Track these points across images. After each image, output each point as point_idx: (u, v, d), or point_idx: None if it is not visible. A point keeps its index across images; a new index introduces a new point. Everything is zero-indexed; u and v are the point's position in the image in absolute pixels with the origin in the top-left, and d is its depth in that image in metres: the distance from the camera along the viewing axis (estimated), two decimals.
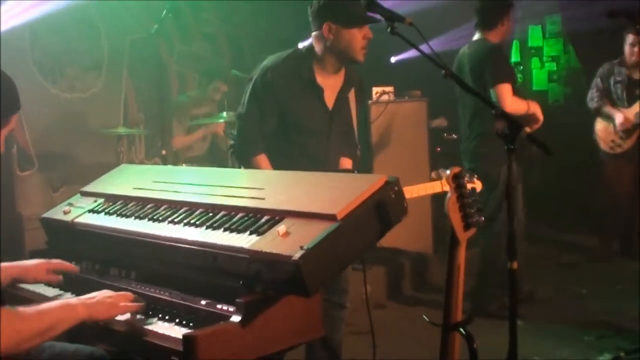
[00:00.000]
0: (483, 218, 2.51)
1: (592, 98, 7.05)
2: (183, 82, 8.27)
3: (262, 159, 3.88)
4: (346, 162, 4.16)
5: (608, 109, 6.91)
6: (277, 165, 3.86)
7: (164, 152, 6.00)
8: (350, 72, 4.08)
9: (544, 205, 7.88)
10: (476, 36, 5.56)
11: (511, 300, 2.88)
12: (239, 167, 4.04)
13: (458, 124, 5.79)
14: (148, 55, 6.90)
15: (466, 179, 2.49)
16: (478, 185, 3.86)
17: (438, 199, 7.48)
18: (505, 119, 2.92)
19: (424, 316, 2.66)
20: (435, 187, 3.99)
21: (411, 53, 8.08)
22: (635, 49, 6.73)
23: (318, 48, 3.93)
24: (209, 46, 8.79)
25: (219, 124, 7.09)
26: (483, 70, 5.34)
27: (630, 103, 6.79)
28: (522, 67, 10.10)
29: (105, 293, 2.45)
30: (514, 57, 10.08)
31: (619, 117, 6.75)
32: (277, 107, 3.90)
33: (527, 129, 2.87)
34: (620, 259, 7.11)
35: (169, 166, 5.44)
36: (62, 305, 2.32)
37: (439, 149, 7.72)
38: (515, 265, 2.83)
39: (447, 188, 2.52)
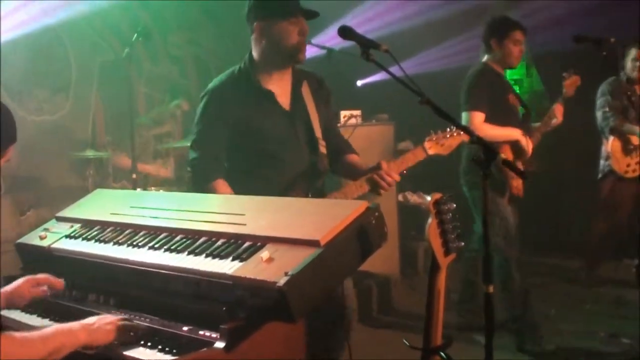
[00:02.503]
0: (463, 243, 2.55)
1: (607, 117, 6.69)
2: (150, 103, 8.26)
3: (218, 183, 3.70)
4: (355, 158, 4.05)
5: (628, 126, 6.62)
6: (255, 189, 3.61)
7: (134, 175, 5.97)
8: (297, 72, 3.90)
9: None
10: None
11: (487, 324, 2.90)
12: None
13: None
14: (117, 77, 6.90)
15: (447, 206, 2.53)
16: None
17: (405, 221, 7.58)
18: (480, 145, 2.97)
19: (404, 340, 2.69)
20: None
21: (378, 76, 8.15)
22: (638, 64, 6.64)
23: (256, 53, 3.81)
24: (176, 68, 8.80)
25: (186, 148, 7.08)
26: (463, 93, 5.40)
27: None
28: None
29: (104, 319, 2.46)
30: None
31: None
32: (231, 124, 3.75)
33: (503, 156, 2.91)
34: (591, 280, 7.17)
35: (146, 191, 5.43)
36: (63, 331, 2.35)
37: (405, 172, 7.76)
38: (491, 289, 2.86)
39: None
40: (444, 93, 4.59)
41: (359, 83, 8.98)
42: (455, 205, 2.54)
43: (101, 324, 2.43)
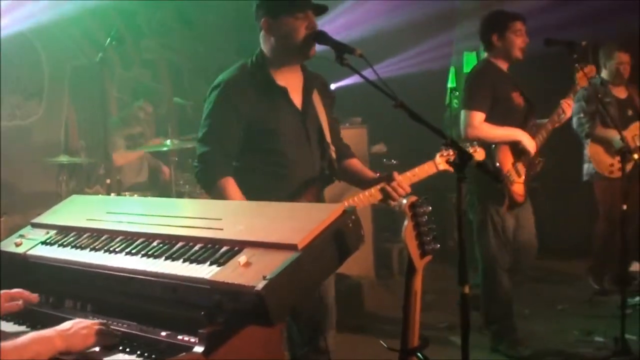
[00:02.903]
0: (439, 245, 2.58)
1: (582, 123, 6.76)
2: (122, 108, 8.24)
3: (228, 182, 3.62)
4: (358, 162, 4.04)
5: (603, 131, 6.64)
6: (264, 187, 3.68)
7: (108, 180, 5.96)
8: (308, 72, 3.90)
9: None
10: None
11: (463, 324, 2.93)
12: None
13: (398, 149, 5.82)
14: (90, 82, 6.88)
15: (423, 208, 2.55)
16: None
17: (379, 224, 7.63)
18: (454, 148, 3.00)
19: (381, 341, 2.71)
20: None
21: (351, 80, 8.19)
22: (623, 68, 6.68)
23: (266, 49, 3.78)
24: (149, 72, 8.80)
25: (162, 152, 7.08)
26: (464, 91, 5.38)
27: (625, 124, 6.57)
28: (457, 92, 10.31)
29: (80, 324, 2.43)
30: (450, 83, 10.29)
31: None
32: (242, 119, 3.68)
33: (476, 158, 2.94)
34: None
35: (122, 197, 5.41)
36: (39, 338, 2.31)
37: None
38: (467, 289, 2.88)
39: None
40: (416, 96, 4.62)
41: (332, 86, 8.99)
42: (430, 208, 2.57)
43: (77, 328, 2.40)
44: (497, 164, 5.05)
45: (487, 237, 5.27)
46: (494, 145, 5.08)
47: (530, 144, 5.14)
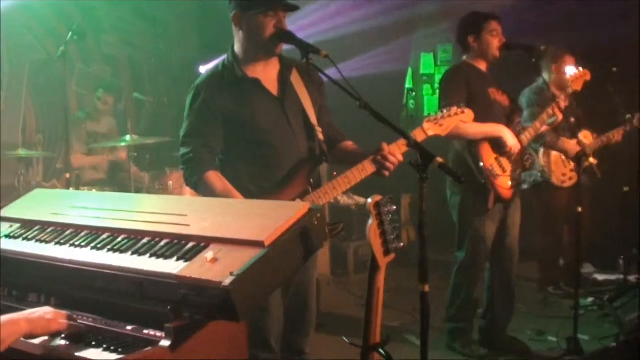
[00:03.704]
0: (402, 244, 2.63)
1: (533, 114, 6.26)
2: (81, 103, 8.19)
3: (213, 175, 3.67)
4: (351, 144, 4.04)
5: (562, 142, 6.52)
6: (252, 178, 3.74)
7: (67, 175, 5.93)
8: (285, 59, 3.90)
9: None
10: None
11: (422, 323, 2.98)
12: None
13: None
14: (49, 76, 6.83)
15: (387, 207, 2.61)
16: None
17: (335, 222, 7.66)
18: (417, 149, 3.05)
19: (344, 337, 2.76)
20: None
21: None
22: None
23: (238, 43, 3.83)
24: (109, 68, 8.75)
25: (122, 148, 7.06)
26: (439, 92, 5.38)
27: (572, 132, 6.32)
28: (414, 93, 10.42)
29: (45, 309, 2.48)
30: (408, 84, 10.41)
31: (572, 149, 6.25)
32: (219, 116, 3.74)
33: (439, 160, 2.98)
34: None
35: (87, 192, 5.38)
36: (5, 321, 2.35)
37: None
38: (426, 288, 2.93)
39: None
40: (378, 96, 4.64)
41: None
42: (395, 207, 2.62)
43: (42, 313, 2.45)
44: (481, 162, 5.04)
45: (466, 240, 5.30)
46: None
47: (512, 140, 5.09)
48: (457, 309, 5.41)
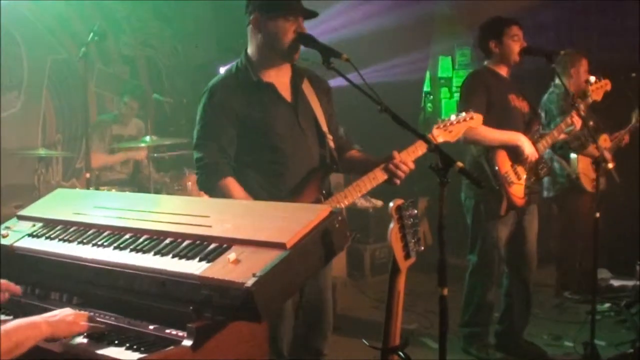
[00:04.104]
0: (422, 248, 2.65)
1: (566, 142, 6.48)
2: (101, 103, 8.25)
3: (229, 182, 3.61)
4: (359, 152, 4.02)
5: (589, 148, 6.52)
6: (265, 184, 3.71)
7: (87, 175, 5.96)
8: (296, 67, 3.88)
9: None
10: None
11: (441, 327, 2.98)
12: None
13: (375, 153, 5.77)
14: (69, 76, 6.88)
15: (409, 211, 2.62)
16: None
17: (352, 225, 7.61)
18: (437, 153, 3.05)
19: (364, 340, 2.78)
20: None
21: (331, 83, 8.24)
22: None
23: (252, 45, 3.78)
24: (128, 68, 8.81)
25: (141, 149, 7.10)
26: (460, 96, 5.36)
27: (592, 137, 6.09)
28: (432, 96, 10.44)
29: (65, 311, 2.51)
30: (425, 87, 10.41)
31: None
32: (233, 120, 3.69)
33: (459, 164, 2.98)
34: None
35: (109, 192, 5.42)
36: (27, 324, 2.38)
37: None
38: (445, 291, 2.93)
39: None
40: (396, 99, 4.63)
41: None
42: (416, 211, 2.64)
43: (63, 315, 2.47)
44: (496, 167, 5.03)
45: (480, 245, 5.29)
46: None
47: (529, 148, 5.07)
48: (471, 314, 5.40)
